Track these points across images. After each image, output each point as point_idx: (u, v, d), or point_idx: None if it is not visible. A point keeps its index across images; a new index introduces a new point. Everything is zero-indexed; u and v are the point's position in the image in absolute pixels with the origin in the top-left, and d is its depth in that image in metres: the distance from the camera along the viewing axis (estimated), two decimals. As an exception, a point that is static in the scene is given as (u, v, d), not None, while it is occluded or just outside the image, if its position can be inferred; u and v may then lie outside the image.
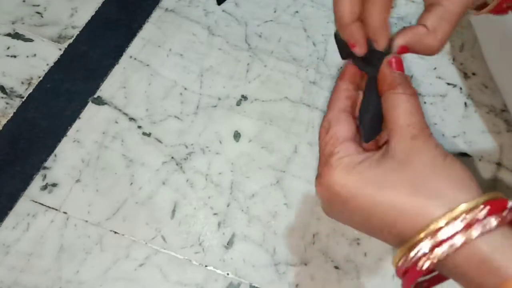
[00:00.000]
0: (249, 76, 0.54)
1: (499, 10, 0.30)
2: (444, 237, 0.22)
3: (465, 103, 0.53)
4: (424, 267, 0.22)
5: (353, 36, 0.27)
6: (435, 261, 0.22)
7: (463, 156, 0.50)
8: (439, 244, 0.22)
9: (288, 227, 0.46)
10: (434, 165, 0.24)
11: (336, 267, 0.44)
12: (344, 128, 0.27)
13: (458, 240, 0.21)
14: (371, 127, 0.27)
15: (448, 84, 0.55)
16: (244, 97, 0.53)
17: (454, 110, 0.53)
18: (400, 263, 0.23)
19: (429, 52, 0.27)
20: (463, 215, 0.22)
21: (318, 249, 0.45)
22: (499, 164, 0.50)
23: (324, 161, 0.26)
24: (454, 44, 0.57)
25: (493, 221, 0.22)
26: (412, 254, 0.23)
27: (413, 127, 0.25)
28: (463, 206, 0.22)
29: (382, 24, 0.26)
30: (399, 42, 0.27)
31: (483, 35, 0.51)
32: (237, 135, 0.50)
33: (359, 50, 0.28)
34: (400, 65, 0.27)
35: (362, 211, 0.25)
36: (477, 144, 0.51)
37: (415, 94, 0.26)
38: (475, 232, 0.21)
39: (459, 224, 0.22)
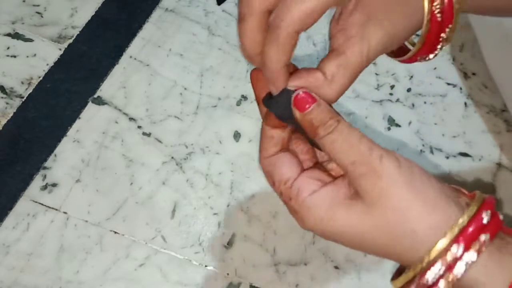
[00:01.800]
0: (249, 76, 0.54)
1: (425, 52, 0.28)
2: (430, 283, 0.22)
3: (465, 103, 0.53)
4: None
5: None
6: None
7: (463, 156, 0.50)
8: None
9: (288, 227, 0.46)
10: (399, 201, 0.22)
11: (336, 267, 0.44)
12: (284, 170, 0.26)
13: (443, 285, 0.22)
14: None
15: (448, 84, 0.55)
16: (244, 97, 0.53)
17: (454, 110, 0.53)
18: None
19: (325, 100, 0.25)
20: (440, 261, 0.22)
21: (318, 249, 0.45)
22: (499, 164, 0.50)
23: (290, 208, 0.25)
24: (454, 44, 0.57)
25: (472, 255, 0.21)
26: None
27: (357, 165, 0.23)
28: (440, 245, 0.22)
29: (279, 67, 0.24)
30: (292, 84, 0.24)
31: (482, 35, 0.51)
32: (237, 135, 0.50)
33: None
34: (307, 100, 0.24)
35: (351, 245, 0.25)
36: (477, 144, 0.51)
37: (339, 124, 0.24)
38: (459, 271, 0.21)
39: (440, 268, 0.22)
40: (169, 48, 0.56)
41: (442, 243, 0.22)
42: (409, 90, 0.54)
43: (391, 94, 0.54)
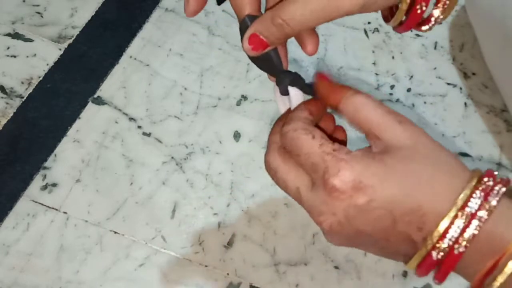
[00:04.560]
0: (249, 76, 0.54)
1: (415, 19, 0.28)
2: (471, 213, 0.22)
3: (465, 103, 0.53)
4: (461, 250, 0.22)
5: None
6: (471, 238, 0.22)
7: (463, 156, 0.50)
8: (468, 222, 0.22)
9: (288, 227, 0.46)
10: (434, 150, 0.25)
11: (336, 267, 0.44)
12: (323, 134, 0.26)
13: (483, 213, 0.22)
14: None
15: (448, 84, 0.55)
16: (244, 97, 0.53)
17: (454, 110, 0.53)
18: (434, 254, 0.23)
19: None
20: (478, 191, 0.22)
21: (318, 249, 0.45)
22: (499, 164, 0.50)
23: (332, 160, 0.24)
24: (454, 44, 0.57)
25: (500, 187, 0.23)
26: (445, 240, 0.22)
27: (394, 114, 0.25)
28: (473, 182, 0.23)
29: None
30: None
31: (483, 35, 0.51)
32: (237, 135, 0.50)
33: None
34: (325, 75, 0.28)
35: (387, 203, 0.24)
36: (477, 144, 0.51)
37: (358, 92, 0.26)
38: (493, 201, 0.22)
39: (478, 199, 0.22)
40: (169, 48, 0.56)
41: (465, 193, 0.23)
42: (409, 90, 0.54)
43: (391, 94, 0.54)
